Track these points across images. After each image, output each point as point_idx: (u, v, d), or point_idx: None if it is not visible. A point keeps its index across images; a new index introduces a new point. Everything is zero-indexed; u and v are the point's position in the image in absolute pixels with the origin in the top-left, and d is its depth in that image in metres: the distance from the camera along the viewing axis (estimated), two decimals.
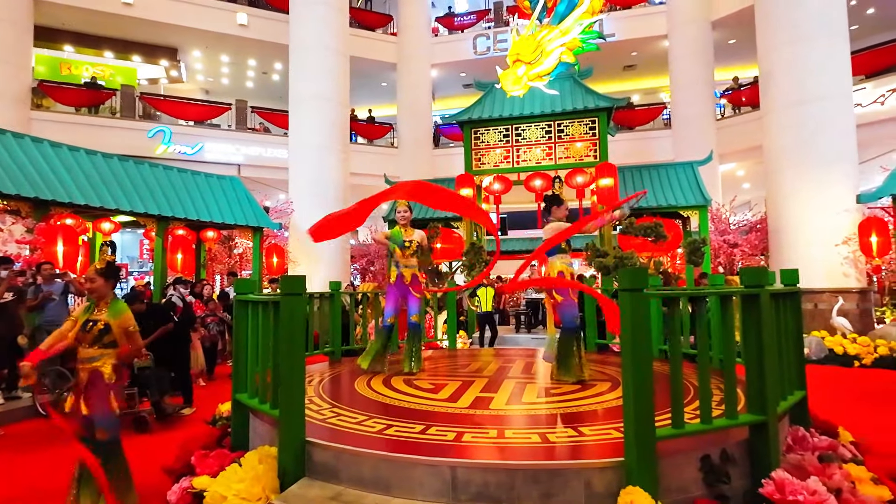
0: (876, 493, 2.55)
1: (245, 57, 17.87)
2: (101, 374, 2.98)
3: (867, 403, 5.63)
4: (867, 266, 8.60)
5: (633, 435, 2.29)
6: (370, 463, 2.52)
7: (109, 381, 3.00)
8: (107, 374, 2.99)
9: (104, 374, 2.98)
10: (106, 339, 2.99)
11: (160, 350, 5.37)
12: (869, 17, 14.90)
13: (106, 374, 2.99)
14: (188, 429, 4.72)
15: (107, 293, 3.01)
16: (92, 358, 2.98)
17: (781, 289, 2.99)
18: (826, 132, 9.12)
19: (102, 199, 7.42)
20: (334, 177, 12.28)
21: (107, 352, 3.02)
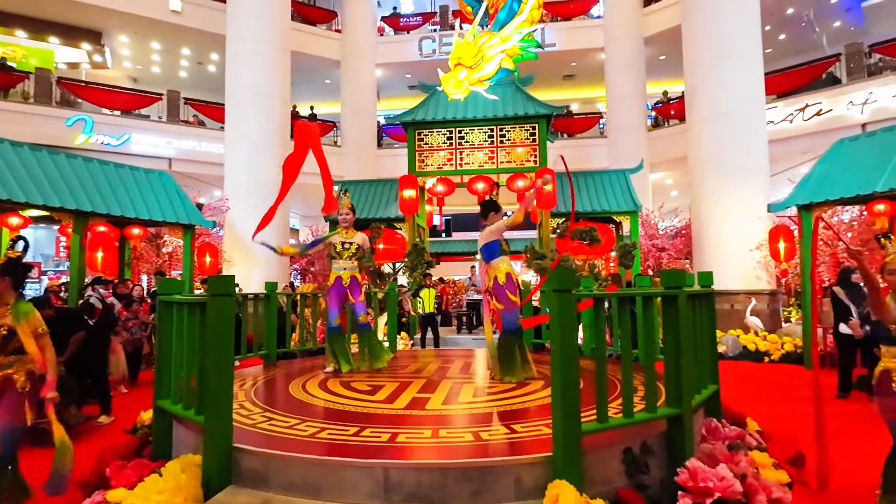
0: (776, 476, 2.79)
1: (178, 45, 16.94)
2: (13, 382, 2.75)
3: (773, 395, 6.14)
4: (776, 270, 9.38)
5: (560, 430, 2.38)
6: (300, 467, 2.47)
7: (22, 389, 2.76)
8: (19, 383, 2.76)
9: (16, 383, 2.75)
10: (11, 346, 2.75)
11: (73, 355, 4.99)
12: (781, 42, 16.29)
13: (18, 382, 2.76)
14: (105, 439, 4.41)
15: (7, 294, 2.76)
16: (2, 365, 2.74)
17: (698, 290, 3.21)
18: (742, 145, 9.88)
19: (10, 190, 6.79)
20: (273, 174, 11.84)
21: (19, 358, 2.78)
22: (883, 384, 2.74)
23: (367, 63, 17.89)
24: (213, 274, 10.09)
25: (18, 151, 7.45)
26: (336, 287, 4.83)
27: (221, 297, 2.63)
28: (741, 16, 10.21)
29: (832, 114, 12.84)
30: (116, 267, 8.95)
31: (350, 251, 4.90)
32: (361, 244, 4.95)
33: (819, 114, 13.11)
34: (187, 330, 2.95)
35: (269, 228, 11.57)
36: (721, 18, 10.23)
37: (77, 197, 7.61)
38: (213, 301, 2.62)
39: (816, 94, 13.31)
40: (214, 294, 2.61)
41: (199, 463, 2.61)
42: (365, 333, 4.95)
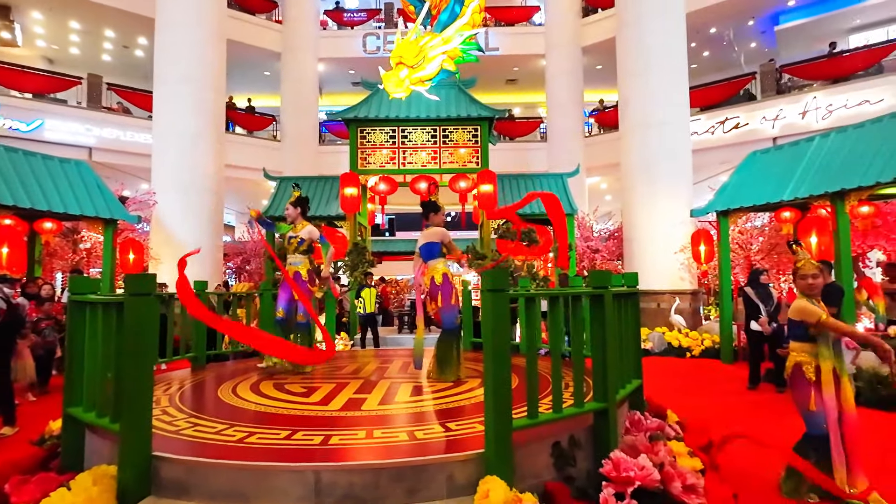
0: (690, 464, 2.99)
1: (101, 26, 15.76)
2: None
3: (692, 388, 6.58)
4: (697, 271, 10.04)
5: (491, 427, 2.43)
6: (226, 475, 2.37)
7: None
8: None
9: None
10: None
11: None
12: (705, 59, 17.46)
13: None
14: (7, 452, 4.03)
15: None
16: None
17: (623, 290, 3.38)
18: (669, 154, 10.52)
19: None
20: (206, 167, 11.30)
21: None
22: (796, 377, 2.99)
23: (308, 57, 17.44)
24: (137, 272, 9.48)
25: None
26: (294, 282, 4.73)
27: (140, 296, 2.48)
28: (669, 32, 10.84)
29: (748, 127, 13.94)
30: (25, 264, 8.19)
31: (293, 245, 4.79)
32: (307, 237, 4.84)
33: (737, 127, 14.19)
34: (103, 332, 2.75)
35: (202, 226, 11.07)
36: (651, 34, 10.83)
37: None
38: (132, 302, 2.47)
39: (735, 108, 14.40)
40: (133, 294, 2.46)
41: (114, 474, 2.45)
42: (301, 332, 4.84)
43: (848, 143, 7.06)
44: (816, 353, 2.97)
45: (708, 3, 14.36)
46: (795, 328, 3.08)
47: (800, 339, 3.07)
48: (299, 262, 4.83)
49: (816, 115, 12.70)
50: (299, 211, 4.97)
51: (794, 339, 3.12)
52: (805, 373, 2.97)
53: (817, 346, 2.98)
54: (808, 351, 3.02)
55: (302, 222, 4.95)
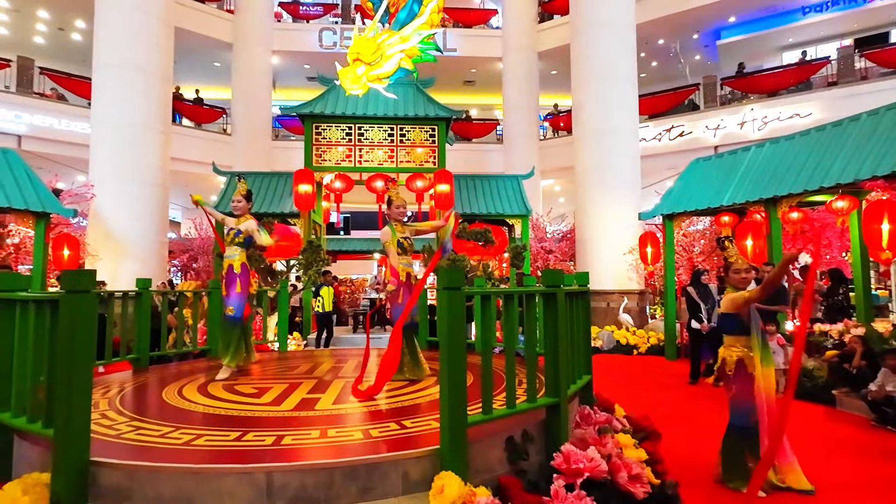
0: (636, 455, 3.13)
1: (33, 6, 14.72)
2: None
3: (637, 384, 6.86)
4: (645, 272, 10.48)
5: (447, 423, 2.45)
6: (171, 479, 2.28)
7: None
8: None
9: None
10: None
11: None
12: (653, 69, 18.23)
13: None
14: None
15: None
16: None
17: (575, 289, 3.49)
18: (619, 158, 10.93)
19: None
20: (150, 159, 10.75)
21: None
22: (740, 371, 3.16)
23: (262, 49, 16.94)
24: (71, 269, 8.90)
25: None
26: (226, 276, 4.56)
27: (77, 293, 2.34)
28: (620, 42, 11.26)
29: (692, 136, 14.66)
30: None
31: (231, 237, 4.63)
32: (243, 229, 4.64)
33: (682, 135, 14.90)
34: (34, 332, 2.58)
35: (145, 222, 10.53)
36: (603, 43, 11.21)
37: None
38: (68, 299, 2.33)
39: (680, 117, 15.12)
40: (70, 290, 2.32)
41: (47, 482, 2.31)
42: (227, 327, 4.62)
43: (780, 153, 7.56)
44: (749, 344, 3.16)
45: (656, 16, 15.00)
46: (729, 321, 3.27)
47: (734, 332, 3.25)
48: (235, 254, 4.65)
49: (753, 126, 13.52)
50: (251, 205, 4.82)
51: (728, 333, 3.30)
52: (747, 367, 3.15)
53: (750, 338, 3.17)
54: (743, 344, 3.20)
55: (247, 216, 4.77)
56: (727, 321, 3.29)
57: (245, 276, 4.69)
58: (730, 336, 3.28)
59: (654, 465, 3.23)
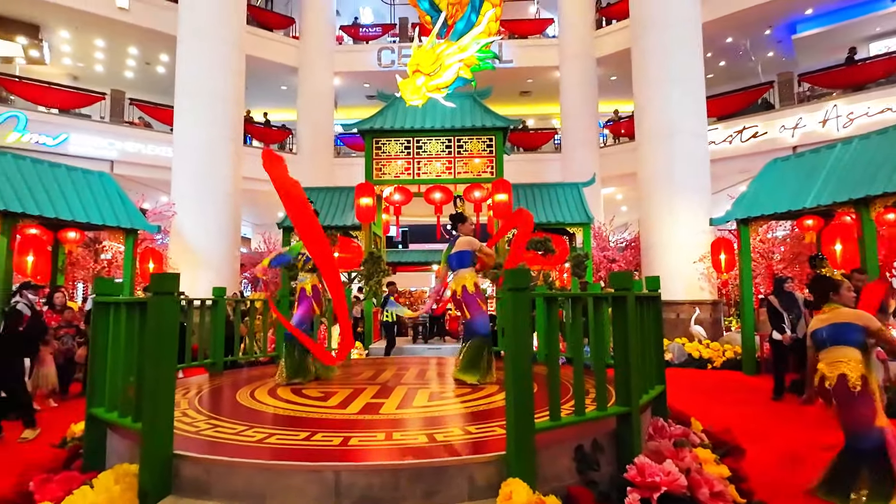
0: (717, 471, 2.90)
1: (124, 44, 16.22)
2: None
3: (714, 399, 6.42)
4: (717, 281, 9.88)
5: (513, 428, 2.39)
6: (245, 474, 2.36)
7: None
8: None
9: None
10: None
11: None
12: (721, 69, 17.36)
13: None
14: (30, 454, 4.07)
15: None
16: None
17: (645, 293, 3.33)
18: (687, 163, 10.42)
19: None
20: (224, 177, 11.48)
21: None
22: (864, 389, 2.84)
23: (324, 71, 17.74)
24: None
25: None
26: (300, 297, 4.74)
27: (163, 296, 2.50)
28: (685, 41, 10.81)
29: (767, 136, 13.77)
30: (49, 273, 8.36)
31: (300, 262, 4.79)
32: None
33: (755, 136, 14.04)
34: (126, 332, 2.78)
35: (220, 238, 11.21)
36: (667, 43, 10.80)
37: (5, 196, 7.09)
38: (155, 301, 2.49)
39: (753, 117, 14.26)
40: (157, 292, 2.48)
41: (136, 473, 2.46)
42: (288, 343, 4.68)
43: (871, 149, 6.92)
44: (865, 363, 2.86)
45: (724, 13, 14.31)
46: (852, 333, 2.91)
47: (853, 345, 2.90)
48: (305, 278, 4.81)
49: (837, 124, 12.51)
50: None
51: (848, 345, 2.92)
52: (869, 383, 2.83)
53: (867, 355, 2.87)
54: (857, 359, 2.88)
55: None
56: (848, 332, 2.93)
57: (317, 296, 4.81)
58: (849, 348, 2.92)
59: (738, 483, 2.98)
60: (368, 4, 20.43)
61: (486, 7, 5.03)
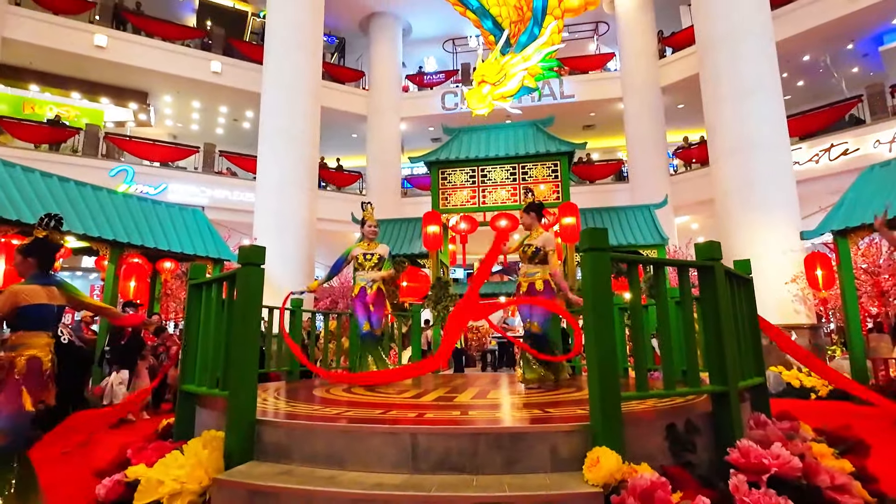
0: (838, 465, 2.55)
1: (217, 103, 18.09)
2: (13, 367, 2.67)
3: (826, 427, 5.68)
4: (815, 301, 8.98)
5: (597, 395, 2.24)
6: (325, 437, 2.37)
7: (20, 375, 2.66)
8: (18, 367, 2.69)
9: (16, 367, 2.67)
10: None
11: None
12: (799, 89, 16.51)
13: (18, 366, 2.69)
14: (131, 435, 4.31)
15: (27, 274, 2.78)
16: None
17: (735, 271, 3.09)
18: (768, 177, 9.80)
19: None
20: (300, 215, 12.21)
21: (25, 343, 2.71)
22: None
23: (391, 117, 18.73)
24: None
25: (65, 186, 7.89)
26: (360, 297, 4.84)
27: (250, 266, 2.65)
28: (758, 53, 10.40)
29: (859, 153, 12.76)
30: (147, 299, 9.12)
31: (372, 262, 4.91)
32: (383, 254, 4.96)
33: (846, 153, 13.05)
34: (215, 308, 2.95)
35: (295, 269, 11.79)
36: (739, 58, 10.43)
37: (115, 229, 7.93)
38: (243, 271, 2.64)
39: (841, 134, 13.31)
40: (245, 263, 2.64)
41: (222, 437, 2.53)
42: (368, 344, 4.81)
43: None
44: None
45: (799, 30, 13.75)
46: None
47: None
48: (374, 278, 4.89)
49: None
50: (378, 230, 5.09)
51: None
52: None
53: None
54: None
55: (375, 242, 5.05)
56: None
57: (381, 296, 4.92)
58: None
59: (865, 483, 2.59)
60: (432, 54, 21.57)
61: (548, 20, 5.16)
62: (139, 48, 15.56)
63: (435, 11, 18.17)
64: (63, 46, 14.56)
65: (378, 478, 2.14)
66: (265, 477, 2.21)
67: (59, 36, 14.49)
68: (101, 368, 6.69)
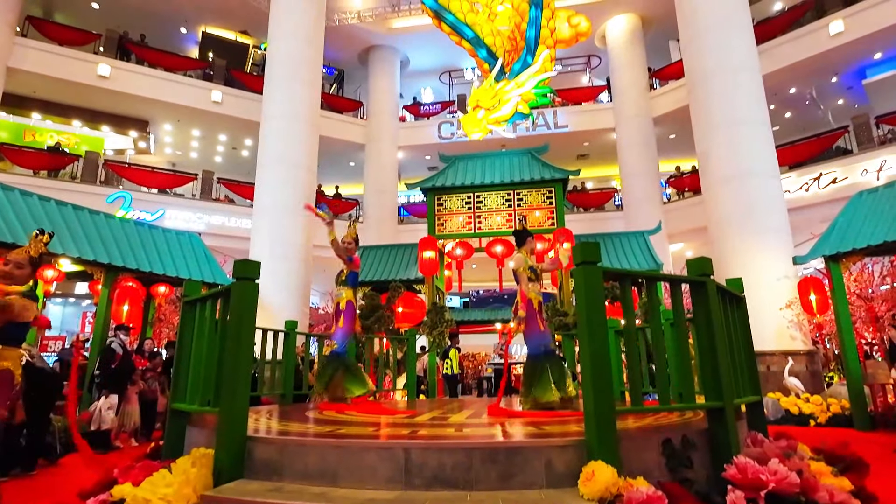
0: (838, 483, 2.52)
1: (216, 132, 18.33)
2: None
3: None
4: (811, 327, 8.98)
5: (592, 409, 2.23)
6: (317, 453, 2.33)
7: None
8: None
9: None
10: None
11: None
12: (787, 120, 16.94)
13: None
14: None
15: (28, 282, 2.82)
16: None
17: (728, 288, 3.11)
18: (760, 205, 9.93)
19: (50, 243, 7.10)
20: (297, 241, 12.22)
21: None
22: None
23: (389, 146, 19.00)
24: None
25: (63, 210, 7.92)
26: (335, 312, 4.83)
27: (245, 280, 2.66)
28: (746, 85, 10.64)
29: (848, 181, 13.01)
30: (140, 323, 9.02)
31: (342, 277, 4.92)
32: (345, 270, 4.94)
33: (834, 182, 13.30)
34: (209, 324, 2.94)
35: (291, 296, 11.73)
36: (728, 88, 10.66)
37: (110, 252, 7.92)
38: (238, 285, 2.64)
39: (829, 164, 13.59)
40: (239, 277, 2.64)
41: (211, 454, 2.49)
42: (331, 362, 4.66)
43: None
44: None
45: (783, 64, 14.20)
46: None
47: None
48: (342, 293, 4.89)
49: None
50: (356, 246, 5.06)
51: None
52: None
53: None
54: None
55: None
56: None
57: (349, 312, 4.88)
58: None
59: (863, 501, 2.55)
60: (429, 85, 22.07)
61: (540, 49, 5.33)
62: (142, 78, 15.86)
63: (432, 45, 18.68)
64: (67, 76, 14.82)
65: (371, 494, 2.10)
66: (255, 493, 2.17)
67: (64, 66, 14.78)
68: (91, 393, 6.57)
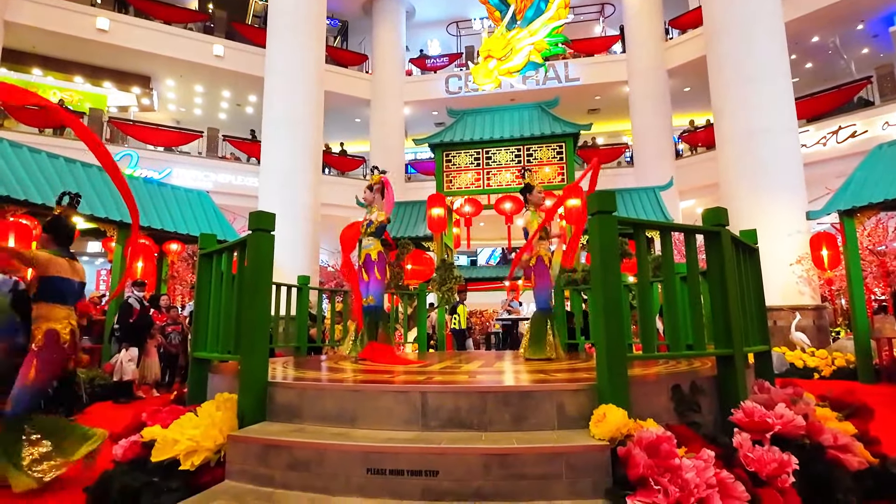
0: (841, 427, 2.58)
1: (219, 88, 18.02)
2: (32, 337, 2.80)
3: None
4: (820, 282, 8.98)
5: (604, 355, 2.27)
6: (335, 397, 2.41)
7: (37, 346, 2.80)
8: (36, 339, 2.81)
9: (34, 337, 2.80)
10: None
11: None
12: (807, 71, 16.31)
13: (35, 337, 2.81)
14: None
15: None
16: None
17: (741, 238, 3.10)
18: (775, 160, 9.74)
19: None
20: (305, 199, 12.21)
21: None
22: None
23: (395, 101, 18.62)
24: None
25: (72, 168, 7.93)
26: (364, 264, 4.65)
27: (261, 232, 2.68)
28: (767, 35, 10.25)
29: (867, 135, 12.64)
30: (154, 280, 9.19)
31: (372, 228, 4.69)
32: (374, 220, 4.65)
33: (853, 136, 12.93)
34: (225, 276, 2.99)
35: (300, 254, 11.83)
36: (747, 40, 10.28)
37: (122, 209, 7.96)
38: (253, 237, 2.67)
39: (849, 116, 13.18)
40: (255, 229, 2.66)
41: (235, 399, 2.58)
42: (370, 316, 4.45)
43: None
44: None
45: (808, 10, 13.54)
46: None
47: None
48: (371, 244, 4.68)
49: None
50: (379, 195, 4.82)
51: None
52: None
53: None
54: None
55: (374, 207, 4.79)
56: None
57: (382, 264, 4.77)
58: None
59: (867, 445, 2.62)
60: (436, 37, 21.39)
61: None
62: (141, 31, 15.48)
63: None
64: (65, 30, 14.50)
65: (389, 434, 2.19)
66: (278, 433, 2.27)
67: (62, 19, 14.43)
68: (111, 346, 6.78)
